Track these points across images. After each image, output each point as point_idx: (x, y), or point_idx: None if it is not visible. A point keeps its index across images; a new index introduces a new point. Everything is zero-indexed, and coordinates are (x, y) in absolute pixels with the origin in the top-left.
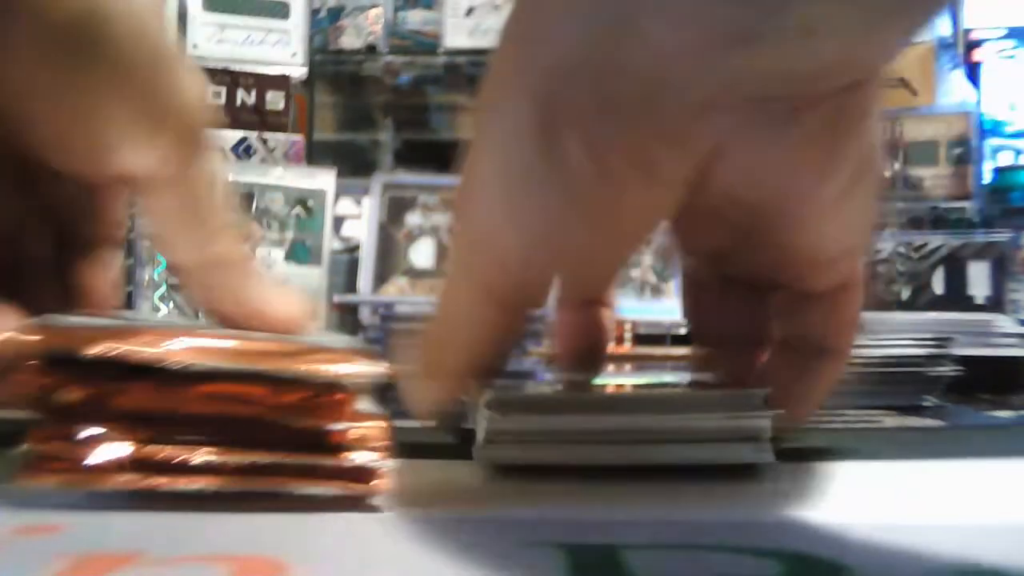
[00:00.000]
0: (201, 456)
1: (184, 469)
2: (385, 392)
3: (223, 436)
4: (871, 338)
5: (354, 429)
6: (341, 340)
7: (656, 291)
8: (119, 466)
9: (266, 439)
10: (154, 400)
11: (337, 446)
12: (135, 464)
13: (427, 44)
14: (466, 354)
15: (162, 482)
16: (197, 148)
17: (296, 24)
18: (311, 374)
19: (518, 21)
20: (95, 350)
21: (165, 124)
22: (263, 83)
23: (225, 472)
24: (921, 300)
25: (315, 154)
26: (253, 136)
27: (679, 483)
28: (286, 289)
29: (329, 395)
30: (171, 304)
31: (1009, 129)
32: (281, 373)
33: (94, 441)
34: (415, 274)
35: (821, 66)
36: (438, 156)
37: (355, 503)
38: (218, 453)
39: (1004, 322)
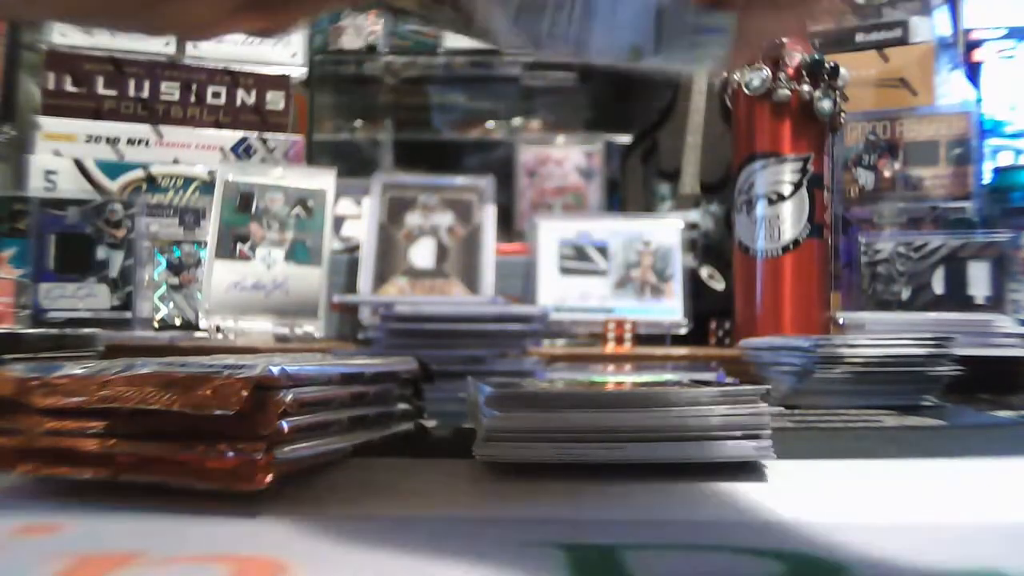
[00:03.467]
0: (92, 446)
1: (78, 459)
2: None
3: (121, 428)
4: (871, 338)
5: (247, 423)
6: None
7: (656, 291)
8: (19, 455)
9: (160, 431)
10: (65, 392)
11: (221, 440)
12: (35, 454)
13: (427, 44)
14: None
15: (61, 471)
16: None
17: None
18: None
19: None
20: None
21: None
22: (263, 83)
23: (115, 464)
24: (921, 300)
25: (315, 154)
26: (253, 136)
27: (679, 483)
28: None
29: (225, 388)
30: (171, 304)
31: (1009, 129)
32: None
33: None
34: (415, 274)
35: None
36: (438, 156)
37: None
38: (110, 445)
39: (1004, 322)
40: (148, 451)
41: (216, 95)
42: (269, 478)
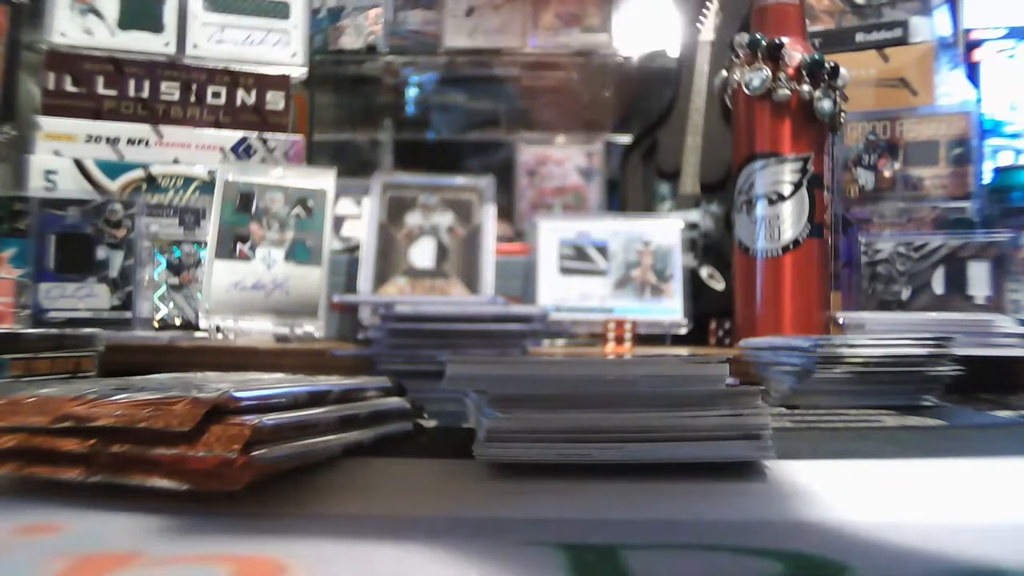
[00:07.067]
0: (74, 447)
1: (60, 459)
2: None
3: (99, 436)
4: (871, 338)
5: (212, 429)
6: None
7: (656, 291)
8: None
9: (134, 439)
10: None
11: (192, 444)
12: (18, 454)
13: (427, 44)
14: None
15: (42, 471)
16: None
17: (296, 24)
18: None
19: None
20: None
21: None
22: (263, 83)
23: (96, 464)
24: (921, 300)
25: (315, 154)
26: (253, 136)
27: (679, 483)
28: None
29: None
30: (171, 304)
31: (1009, 129)
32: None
33: None
34: (415, 274)
35: None
36: (438, 156)
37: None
38: (90, 446)
39: (1004, 322)
40: (127, 451)
41: (216, 95)
42: (247, 478)
